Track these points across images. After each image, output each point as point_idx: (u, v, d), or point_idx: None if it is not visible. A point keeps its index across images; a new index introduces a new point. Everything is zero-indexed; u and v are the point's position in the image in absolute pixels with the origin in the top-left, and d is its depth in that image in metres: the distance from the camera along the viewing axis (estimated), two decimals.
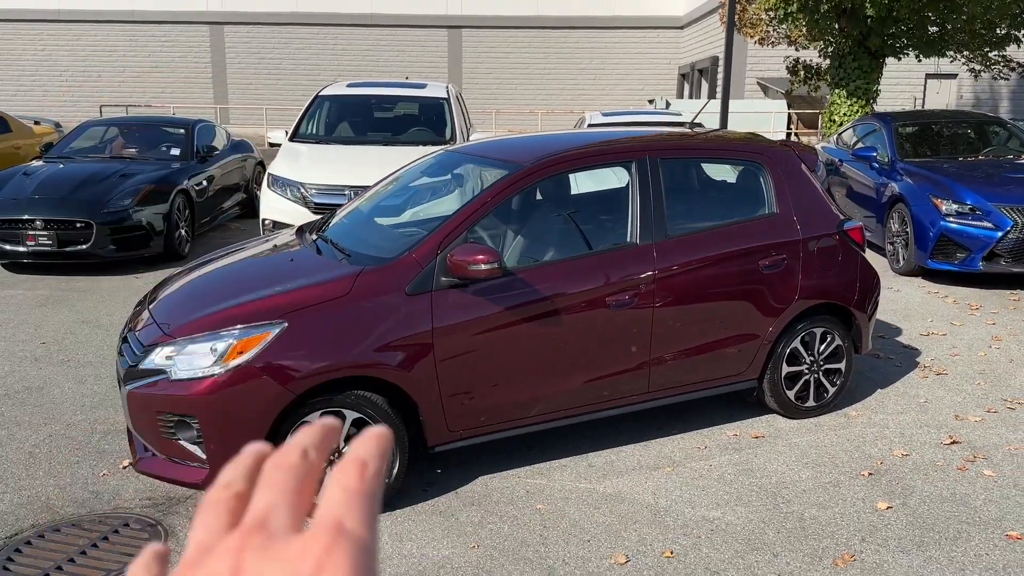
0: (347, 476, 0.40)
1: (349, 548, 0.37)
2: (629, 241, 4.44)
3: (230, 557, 0.37)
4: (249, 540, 0.38)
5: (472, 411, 4.06)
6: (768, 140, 5.13)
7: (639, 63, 31.08)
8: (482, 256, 3.84)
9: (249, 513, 0.39)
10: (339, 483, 0.39)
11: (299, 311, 3.76)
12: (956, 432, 4.82)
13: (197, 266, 4.69)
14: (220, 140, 10.76)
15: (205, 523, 0.40)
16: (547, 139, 4.90)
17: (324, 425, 0.43)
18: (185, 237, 9.16)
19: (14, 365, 5.83)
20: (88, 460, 4.46)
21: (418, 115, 9.46)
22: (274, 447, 0.43)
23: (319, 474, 0.41)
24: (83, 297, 7.60)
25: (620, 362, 4.37)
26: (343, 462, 0.40)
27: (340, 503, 0.38)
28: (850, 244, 5.02)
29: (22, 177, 8.67)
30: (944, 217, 8.01)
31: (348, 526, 0.37)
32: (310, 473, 0.41)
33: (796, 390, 4.94)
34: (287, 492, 0.40)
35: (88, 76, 30.78)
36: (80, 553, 3.66)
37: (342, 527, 0.37)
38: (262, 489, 0.40)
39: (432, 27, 30.86)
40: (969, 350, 6.27)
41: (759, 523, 3.84)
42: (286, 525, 0.38)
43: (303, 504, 0.40)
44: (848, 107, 14.69)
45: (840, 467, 4.40)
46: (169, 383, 3.70)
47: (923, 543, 3.68)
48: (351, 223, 4.82)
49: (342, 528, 0.37)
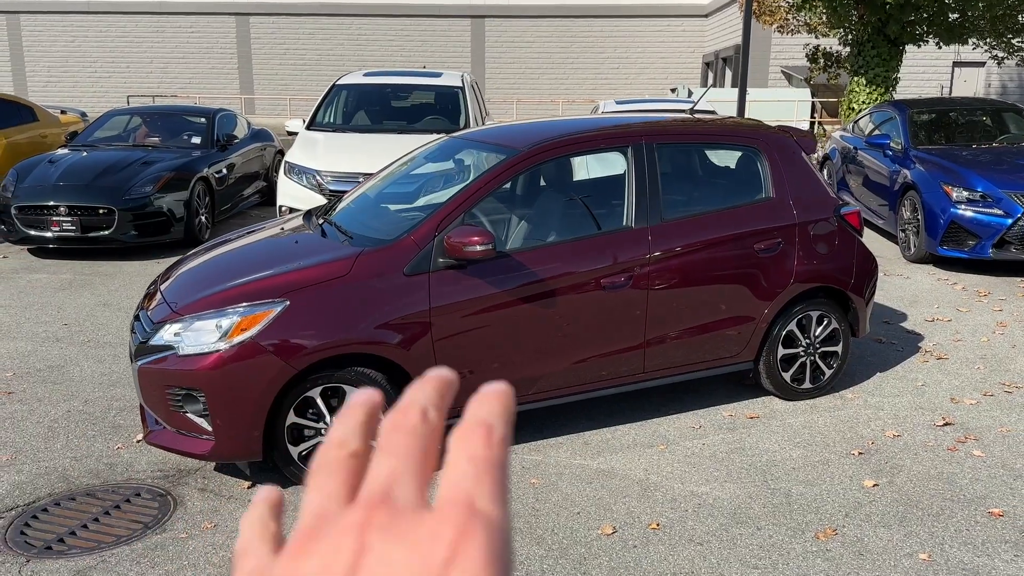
0: (472, 443, 0.36)
1: (484, 532, 0.33)
2: (625, 224, 4.54)
3: (353, 534, 0.34)
4: (373, 516, 0.34)
5: (469, 389, 4.16)
6: (765, 125, 5.20)
7: (663, 52, 30.98)
8: (477, 238, 3.96)
9: (371, 482, 0.36)
10: (464, 452, 0.35)
11: (300, 290, 3.91)
12: (950, 414, 4.88)
13: (206, 249, 4.86)
14: (240, 129, 10.97)
15: (321, 487, 0.37)
16: (545, 125, 5.01)
17: (440, 379, 0.39)
18: (205, 224, 9.38)
19: (37, 345, 6.06)
20: (104, 434, 4.65)
21: (434, 103, 9.59)
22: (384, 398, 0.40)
23: (440, 437, 0.37)
24: (105, 281, 7.83)
25: (616, 342, 4.48)
26: (465, 426, 0.36)
27: (468, 476, 0.35)
28: (847, 228, 5.08)
29: (47, 165, 8.92)
30: (954, 204, 8.01)
31: (480, 505, 0.34)
32: (432, 437, 0.37)
33: (792, 372, 5.02)
34: (410, 460, 0.36)
35: (116, 67, 31.27)
36: (93, 520, 3.85)
37: (474, 506, 0.34)
38: (383, 455, 0.36)
39: (456, 16, 30.96)
40: (973, 336, 6.30)
41: (746, 498, 3.95)
42: (412, 498, 0.35)
43: (427, 474, 0.36)
44: (867, 95, 14.60)
45: (831, 447, 4.48)
46: (177, 358, 3.87)
47: (905, 519, 3.76)
48: (356, 207, 4.97)
49: (474, 507, 0.34)
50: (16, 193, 8.49)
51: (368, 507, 0.35)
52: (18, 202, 8.41)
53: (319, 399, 3.95)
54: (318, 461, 0.38)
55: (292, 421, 3.94)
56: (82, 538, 3.72)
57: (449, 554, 0.32)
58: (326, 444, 0.38)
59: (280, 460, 3.97)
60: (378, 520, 0.34)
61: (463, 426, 0.36)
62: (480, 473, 0.35)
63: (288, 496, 3.99)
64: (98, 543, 3.67)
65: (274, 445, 3.93)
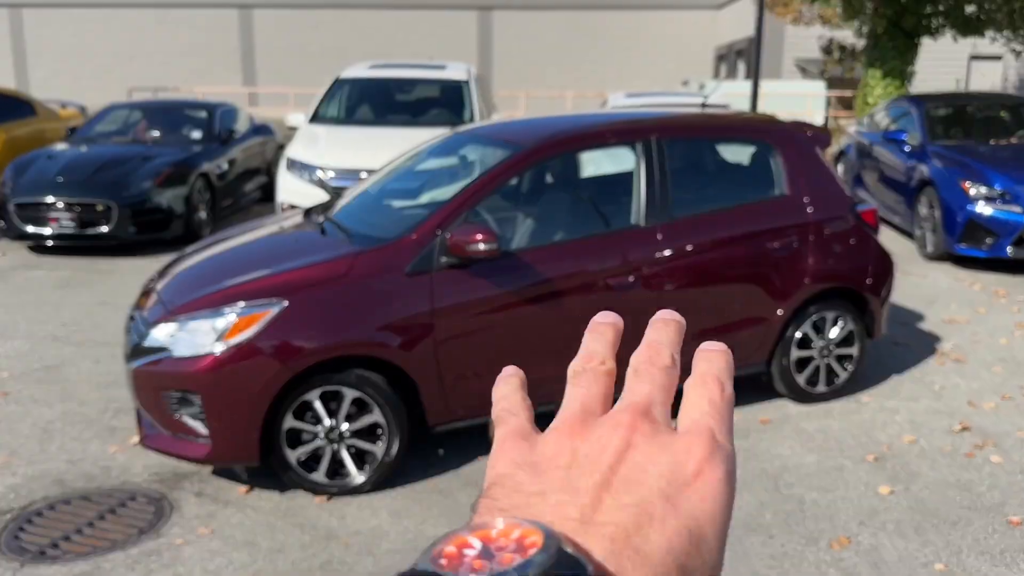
0: (711, 390, 0.43)
1: (722, 457, 0.40)
2: (634, 223, 4.41)
3: (622, 431, 0.41)
4: (639, 422, 0.41)
5: (472, 391, 4.06)
6: (779, 120, 5.06)
7: (674, 44, 30.70)
8: (481, 236, 3.83)
9: (632, 396, 0.43)
10: (704, 396, 0.43)
11: (299, 290, 3.79)
12: (968, 419, 4.74)
13: (204, 246, 4.74)
14: (242, 123, 10.84)
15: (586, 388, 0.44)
16: (553, 120, 4.88)
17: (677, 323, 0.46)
18: (205, 220, 9.26)
19: (34, 344, 5.95)
20: (100, 437, 4.55)
21: (438, 97, 9.44)
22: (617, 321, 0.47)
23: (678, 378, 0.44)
24: (103, 279, 7.72)
25: (625, 344, 4.34)
26: (703, 375, 0.44)
27: (709, 414, 0.42)
28: (863, 227, 4.94)
29: (46, 160, 8.81)
30: (972, 201, 7.85)
31: (719, 438, 0.41)
32: (674, 376, 0.44)
33: (807, 375, 4.89)
34: (664, 390, 0.43)
35: (119, 60, 31.13)
36: (87, 525, 3.76)
37: (715, 438, 0.41)
38: (641, 379, 0.43)
39: (463, 8, 30.76)
40: (991, 337, 6.15)
41: (758, 505, 3.82)
42: (664, 419, 0.42)
43: (670, 403, 0.43)
44: (883, 88, 14.41)
45: (846, 452, 4.35)
46: (172, 360, 3.76)
47: (921, 527, 3.63)
48: (357, 204, 4.84)
49: (715, 439, 0.41)
50: (14, 189, 8.38)
51: (633, 414, 0.41)
52: (16, 198, 8.30)
53: (318, 402, 3.83)
54: (581, 367, 0.45)
55: (290, 425, 3.82)
56: (76, 543, 3.63)
57: (697, 468, 0.40)
58: (586, 355, 0.46)
59: (278, 464, 3.86)
60: (642, 427, 0.41)
61: (701, 376, 0.44)
62: (717, 414, 0.42)
63: (287, 500, 3.87)
64: (92, 548, 3.58)
65: (271, 449, 3.82)
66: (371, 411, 3.87)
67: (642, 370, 0.44)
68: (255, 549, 3.52)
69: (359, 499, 3.90)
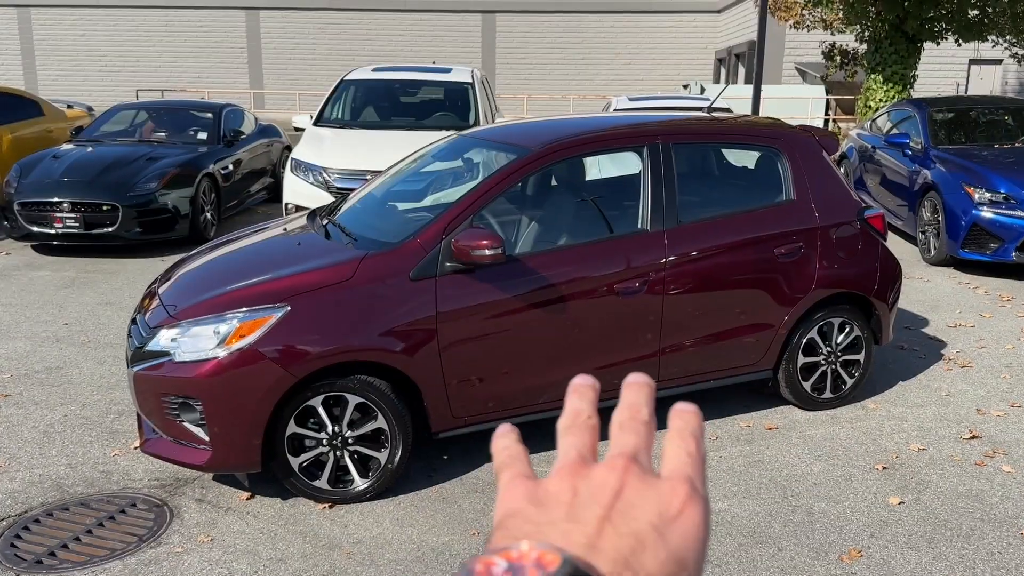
0: (688, 444, 0.49)
1: (700, 502, 0.47)
2: (640, 228, 4.37)
3: (617, 473, 0.47)
4: (631, 466, 0.47)
5: (477, 398, 4.03)
6: (787, 125, 5.01)
7: (675, 48, 30.66)
8: (486, 241, 3.79)
9: (620, 446, 0.49)
10: (683, 448, 0.49)
11: (302, 295, 3.75)
12: (977, 427, 4.69)
13: (207, 250, 4.71)
14: (248, 124, 10.83)
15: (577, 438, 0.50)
16: (558, 123, 4.83)
17: (650, 385, 0.52)
18: (211, 221, 9.24)
19: (36, 345, 5.93)
20: (101, 440, 4.52)
21: (443, 100, 9.41)
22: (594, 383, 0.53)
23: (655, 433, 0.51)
24: (108, 279, 7.70)
25: (630, 350, 4.31)
26: (680, 431, 0.50)
27: (688, 464, 0.48)
28: (870, 232, 4.89)
29: (51, 160, 8.79)
30: (976, 206, 7.80)
31: (696, 485, 0.47)
32: (652, 430, 0.50)
33: (813, 381, 4.84)
34: (646, 441, 0.49)
35: (126, 61, 31.17)
36: (86, 532, 3.71)
37: (694, 484, 0.47)
38: (626, 432, 0.49)
39: (466, 11, 30.74)
40: (997, 342, 6.10)
41: (766, 516, 3.77)
42: (649, 466, 0.48)
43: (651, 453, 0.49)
44: (884, 92, 14.34)
45: (854, 461, 4.30)
46: (173, 365, 3.72)
47: (933, 540, 3.58)
48: (361, 207, 4.80)
49: (695, 486, 0.47)
50: (20, 189, 8.36)
51: (625, 460, 0.47)
52: (21, 198, 8.29)
53: (320, 408, 3.80)
54: (571, 422, 0.51)
55: (292, 431, 3.79)
56: (74, 551, 3.59)
57: (680, 507, 0.46)
58: (573, 412, 0.51)
59: (280, 471, 3.82)
60: (633, 470, 0.47)
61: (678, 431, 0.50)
62: (694, 464, 0.48)
63: (289, 508, 3.84)
64: (90, 557, 3.53)
65: (274, 455, 3.78)
66: (375, 417, 3.84)
67: (627, 425, 0.50)
68: (256, 559, 3.48)
69: (362, 507, 3.86)
